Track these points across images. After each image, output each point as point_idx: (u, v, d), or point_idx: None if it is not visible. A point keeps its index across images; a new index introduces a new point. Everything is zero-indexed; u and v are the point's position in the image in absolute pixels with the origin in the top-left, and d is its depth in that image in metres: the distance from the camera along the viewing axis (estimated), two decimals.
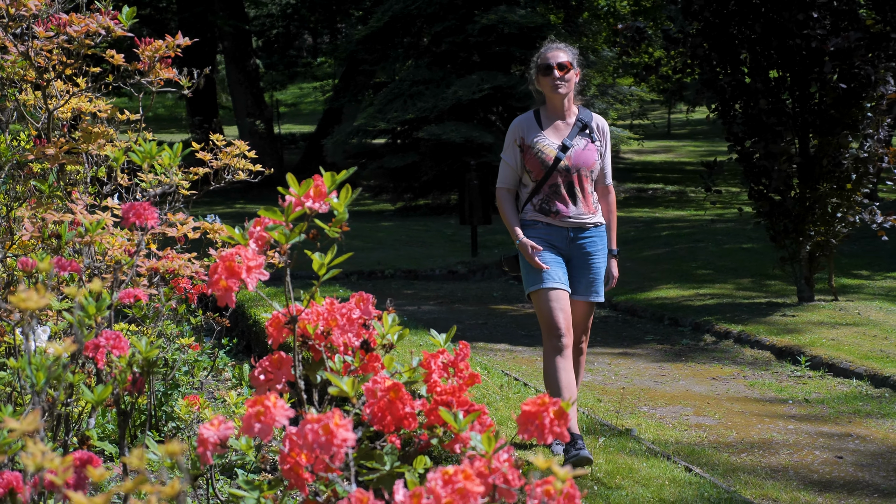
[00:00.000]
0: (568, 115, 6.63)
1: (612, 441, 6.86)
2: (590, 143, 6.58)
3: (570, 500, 2.84)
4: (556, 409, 2.98)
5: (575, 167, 6.49)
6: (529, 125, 6.62)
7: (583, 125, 6.60)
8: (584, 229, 6.57)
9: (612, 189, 6.79)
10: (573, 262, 6.58)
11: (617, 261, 6.80)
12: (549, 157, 6.48)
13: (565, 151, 6.49)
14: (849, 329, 10.90)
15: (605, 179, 6.73)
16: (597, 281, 6.62)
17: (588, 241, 6.57)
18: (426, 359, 3.57)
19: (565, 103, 6.61)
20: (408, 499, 2.66)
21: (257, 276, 3.20)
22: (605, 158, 6.70)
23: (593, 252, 6.59)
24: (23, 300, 2.00)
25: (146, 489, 1.91)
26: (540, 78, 6.60)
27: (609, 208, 6.73)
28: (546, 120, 6.63)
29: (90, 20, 4.44)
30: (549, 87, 6.56)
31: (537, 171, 6.51)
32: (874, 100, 11.91)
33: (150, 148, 3.49)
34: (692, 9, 12.26)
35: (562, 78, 6.53)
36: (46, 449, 1.97)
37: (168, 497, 1.90)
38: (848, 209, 12.24)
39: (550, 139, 6.54)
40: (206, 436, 2.77)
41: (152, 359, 3.25)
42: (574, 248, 6.56)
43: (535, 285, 6.47)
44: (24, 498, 3.03)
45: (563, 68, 6.55)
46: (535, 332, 11.75)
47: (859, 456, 7.10)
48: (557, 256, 6.50)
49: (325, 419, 2.74)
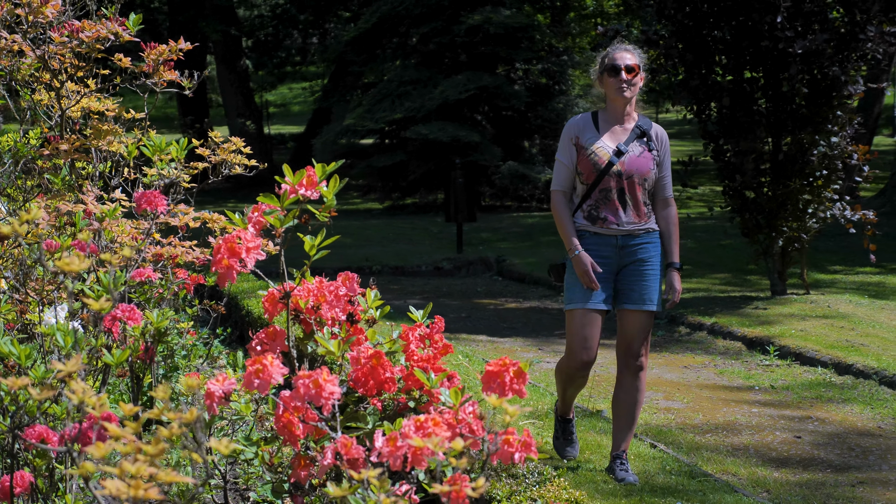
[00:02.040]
0: (627, 121, 6.32)
1: (584, 421, 7.32)
2: (646, 150, 6.28)
3: (527, 448, 3.29)
4: (516, 369, 3.43)
5: (628, 173, 6.20)
6: (586, 125, 6.33)
7: (641, 132, 6.31)
8: (634, 236, 6.25)
9: (673, 202, 6.45)
10: (623, 272, 6.28)
11: (680, 275, 6.43)
12: (603, 160, 6.19)
13: (619, 156, 6.20)
14: (818, 321, 11.35)
15: (665, 191, 6.39)
16: (650, 289, 6.29)
17: (639, 248, 6.27)
18: (405, 332, 4.01)
19: (627, 108, 6.30)
20: (386, 443, 3.10)
21: (255, 256, 3.63)
22: (663, 168, 6.37)
23: (646, 259, 6.28)
24: (67, 263, 2.43)
25: (170, 416, 2.34)
26: (605, 79, 6.29)
27: (669, 220, 6.37)
28: (603, 123, 6.33)
29: (100, 26, 4.86)
30: (613, 90, 6.24)
31: (588, 174, 6.22)
32: (843, 99, 12.38)
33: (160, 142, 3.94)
34: (666, 12, 12.71)
35: (629, 81, 6.22)
36: (87, 387, 2.39)
37: (188, 422, 2.33)
38: (818, 205, 12.69)
39: (606, 143, 6.24)
40: (213, 390, 3.20)
41: (162, 329, 3.69)
42: (624, 256, 6.24)
43: (573, 304, 6.23)
44: (54, 446, 3.47)
45: (632, 71, 6.23)
46: (516, 324, 12.21)
47: (817, 436, 7.56)
48: (605, 269, 6.19)
49: (316, 375, 3.18)
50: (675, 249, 6.36)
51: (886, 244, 16.33)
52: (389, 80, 26.55)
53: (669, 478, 6.19)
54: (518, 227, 21.72)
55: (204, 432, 2.47)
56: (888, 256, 15.67)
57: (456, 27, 25.60)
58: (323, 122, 32.36)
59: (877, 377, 8.99)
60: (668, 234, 6.35)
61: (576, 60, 27.28)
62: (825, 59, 12.14)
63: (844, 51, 12.28)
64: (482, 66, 26.01)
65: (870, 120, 23.63)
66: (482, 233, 20.56)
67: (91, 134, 5.01)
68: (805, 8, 12.18)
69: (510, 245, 19.16)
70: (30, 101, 5.34)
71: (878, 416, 8.02)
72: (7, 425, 3.41)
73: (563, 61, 26.82)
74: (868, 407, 8.26)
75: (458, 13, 25.81)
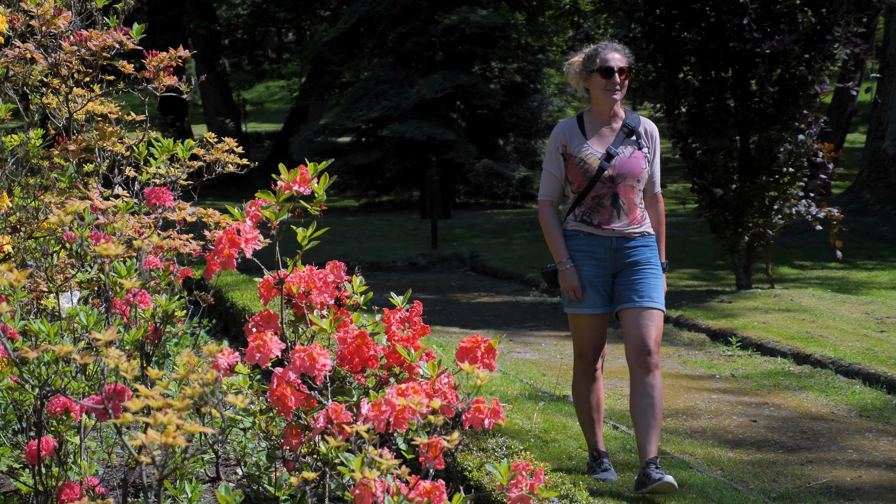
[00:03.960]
0: (614, 121, 6.22)
1: (551, 405, 7.79)
2: (636, 150, 6.17)
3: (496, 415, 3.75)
4: (487, 345, 3.90)
5: (620, 177, 6.10)
6: (572, 132, 6.21)
7: (629, 131, 6.19)
8: (629, 239, 6.16)
9: (661, 198, 6.37)
10: (620, 275, 6.18)
11: (666, 274, 6.36)
12: (593, 166, 6.09)
13: (610, 160, 6.09)
14: (780, 314, 11.84)
15: (654, 188, 6.30)
16: (649, 286, 6.13)
17: (634, 250, 6.16)
18: (387, 314, 4.47)
19: (613, 108, 6.20)
20: (371, 408, 3.56)
21: (253, 246, 4.09)
22: (653, 165, 6.27)
23: (642, 261, 6.16)
24: (105, 248, 2.87)
25: (193, 377, 2.78)
26: (595, 79, 6.14)
27: (658, 218, 6.34)
28: (590, 126, 6.23)
29: (107, 36, 5.29)
30: (602, 91, 6.12)
31: (579, 182, 6.13)
32: (810, 98, 12.87)
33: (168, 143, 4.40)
34: (636, 14, 13.17)
35: (621, 83, 6.13)
36: (121, 354, 2.84)
37: (209, 382, 2.78)
38: (784, 202, 13.17)
39: (594, 147, 6.14)
40: (220, 362, 3.65)
41: (170, 311, 4.13)
42: (618, 258, 6.14)
43: (573, 307, 6.20)
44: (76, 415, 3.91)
45: (623, 73, 6.14)
46: (489, 317, 12.69)
47: (772, 420, 8.03)
48: (600, 271, 6.15)
49: (310, 349, 3.64)
50: (662, 249, 6.33)
51: (853, 240, 16.89)
52: (367, 80, 26.91)
53: (629, 455, 6.66)
54: (492, 224, 22.17)
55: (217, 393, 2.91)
56: (854, 252, 16.21)
57: (433, 27, 25.93)
58: (300, 121, 32.64)
59: (833, 366, 9.45)
60: (657, 233, 6.32)
61: (551, 59, 27.64)
62: (792, 59, 12.61)
63: (811, 51, 12.75)
64: (458, 65, 26.36)
65: (842, 119, 24.21)
66: (457, 229, 21.01)
67: (97, 135, 5.43)
68: (773, 10, 12.64)
69: (484, 241, 19.61)
70: (38, 103, 5.77)
71: (831, 403, 8.50)
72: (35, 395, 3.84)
73: (538, 60, 27.17)
74: (823, 394, 8.73)
75: (435, 13, 26.14)
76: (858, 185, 21.07)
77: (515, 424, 7.01)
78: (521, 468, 3.62)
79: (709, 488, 6.08)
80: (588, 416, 6.31)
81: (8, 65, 5.31)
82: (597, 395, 6.31)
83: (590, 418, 6.31)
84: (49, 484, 4.19)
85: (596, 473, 6.22)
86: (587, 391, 6.29)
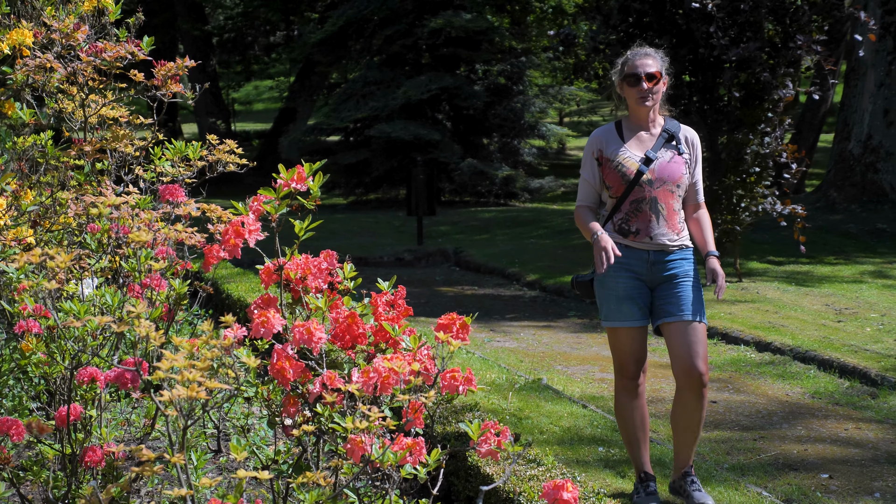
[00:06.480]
0: (653, 126, 6.10)
1: (526, 387, 8.38)
2: (676, 155, 6.04)
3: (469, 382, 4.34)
4: (461, 322, 4.50)
5: (659, 181, 5.96)
6: (609, 137, 6.09)
7: (669, 136, 6.08)
8: (667, 252, 6.02)
9: (705, 206, 6.24)
10: (659, 289, 6.05)
11: (720, 262, 6.09)
12: (631, 170, 5.96)
13: (648, 164, 5.96)
14: (746, 305, 12.44)
15: (697, 196, 6.18)
16: (689, 298, 5.98)
17: (672, 263, 6.02)
18: (374, 298, 5.04)
19: (650, 114, 6.08)
20: (360, 375, 4.13)
21: (256, 237, 4.66)
22: (694, 173, 6.14)
23: (680, 274, 6.01)
24: (138, 236, 3.44)
25: (212, 342, 3.35)
26: (625, 87, 6.06)
27: (702, 218, 6.15)
28: (628, 131, 6.10)
29: (120, 47, 5.86)
30: (634, 99, 6.02)
31: (617, 187, 5.99)
32: (773, 102, 13.49)
33: (180, 145, 4.98)
34: (611, 22, 13.80)
35: (650, 90, 5.98)
36: (151, 324, 3.41)
37: (224, 347, 3.35)
38: (751, 200, 13.78)
39: (632, 151, 6.02)
40: (228, 335, 4.21)
41: (182, 293, 4.70)
42: (655, 272, 6.01)
43: (610, 321, 6.07)
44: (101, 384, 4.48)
45: (653, 79, 5.98)
46: (472, 309, 13.25)
47: (731, 403, 8.63)
48: (637, 283, 6.03)
49: (308, 324, 4.21)
50: (710, 240, 6.11)
51: (819, 236, 17.48)
52: (354, 81, 27.43)
53: (596, 430, 7.27)
54: (475, 221, 22.71)
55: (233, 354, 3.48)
56: (819, 248, 16.81)
57: (419, 30, 26.45)
58: (289, 121, 33.09)
59: (791, 353, 10.05)
60: (702, 228, 6.15)
61: (535, 62, 28.19)
62: (757, 66, 13.22)
63: (776, 57, 13.37)
64: (444, 67, 26.91)
65: (816, 120, 24.84)
66: (441, 226, 21.62)
67: (111, 137, 6.01)
68: (739, 19, 13.25)
69: (467, 238, 20.19)
70: (54, 107, 6.33)
71: (787, 387, 9.09)
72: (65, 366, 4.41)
73: (521, 62, 27.68)
74: (780, 379, 9.33)
75: (421, 16, 26.67)
76: (826, 184, 21.68)
77: (493, 404, 7.58)
78: (489, 427, 4.20)
79: (666, 458, 6.70)
80: (633, 435, 6.13)
81: (29, 73, 5.87)
82: (641, 413, 6.12)
83: (635, 438, 6.13)
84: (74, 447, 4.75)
85: (639, 496, 6.08)
86: (630, 408, 6.10)
